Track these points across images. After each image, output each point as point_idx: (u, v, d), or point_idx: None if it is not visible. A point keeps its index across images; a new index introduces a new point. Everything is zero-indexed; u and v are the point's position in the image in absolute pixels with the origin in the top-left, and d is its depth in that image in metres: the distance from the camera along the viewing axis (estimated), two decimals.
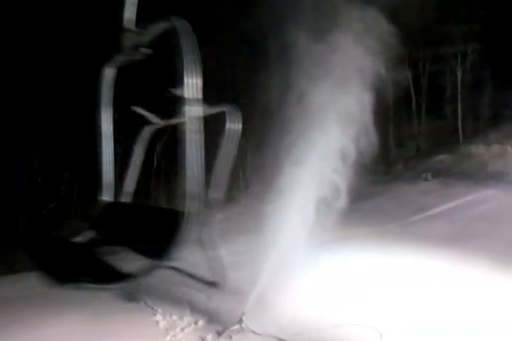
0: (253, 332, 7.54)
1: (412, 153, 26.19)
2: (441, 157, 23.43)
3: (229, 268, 10.67)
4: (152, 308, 8.67)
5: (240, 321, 7.69)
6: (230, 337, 7.39)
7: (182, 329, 7.69)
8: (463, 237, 12.45)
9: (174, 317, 8.19)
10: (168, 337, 7.42)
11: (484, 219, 14.09)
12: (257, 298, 8.18)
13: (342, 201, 9.94)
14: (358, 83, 9.67)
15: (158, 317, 8.20)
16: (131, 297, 9.43)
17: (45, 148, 17.52)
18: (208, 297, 9.32)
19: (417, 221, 14.94)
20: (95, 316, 8.31)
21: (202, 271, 8.36)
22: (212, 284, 7.86)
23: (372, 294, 8.82)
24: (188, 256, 7.93)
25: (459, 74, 25.70)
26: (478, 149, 23.66)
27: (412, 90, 25.80)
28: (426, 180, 20.30)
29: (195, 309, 8.59)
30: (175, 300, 9.06)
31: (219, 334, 7.50)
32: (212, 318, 8.15)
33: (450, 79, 26.02)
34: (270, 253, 8.75)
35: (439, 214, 15.42)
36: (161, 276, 10.84)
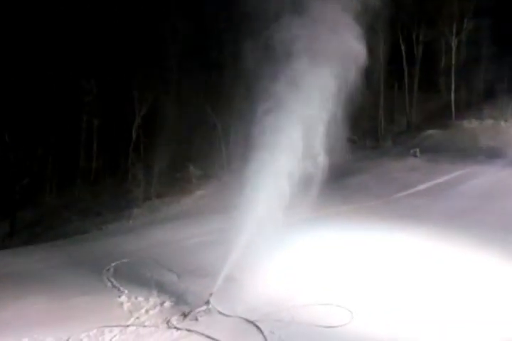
0: (220, 313, 7.50)
1: (402, 128, 26.09)
2: (431, 132, 23.35)
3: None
4: (118, 289, 8.59)
5: (207, 302, 7.64)
6: (196, 319, 7.33)
7: (147, 311, 7.62)
8: (445, 215, 12.47)
9: (140, 298, 8.12)
10: (132, 320, 7.35)
11: (470, 196, 14.14)
12: (227, 279, 8.13)
13: (322, 178, 9.92)
14: (343, 55, 9.50)
15: (123, 298, 8.13)
16: (98, 278, 9.40)
17: (17, 123, 17.20)
18: (178, 277, 9.33)
19: (400, 198, 14.96)
20: (59, 298, 8.24)
21: None
22: None
23: (346, 273, 8.82)
24: None
25: (454, 45, 25.34)
26: (470, 124, 23.59)
27: (404, 62, 25.51)
28: (414, 155, 20.28)
29: (163, 289, 8.53)
30: (143, 281, 9.01)
31: (185, 315, 7.43)
32: (180, 299, 8.09)
33: (444, 51, 25.71)
34: (244, 232, 8.65)
35: (423, 191, 15.45)
36: (133, 256, 10.93)
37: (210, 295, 7.73)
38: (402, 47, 25.15)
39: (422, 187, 15.93)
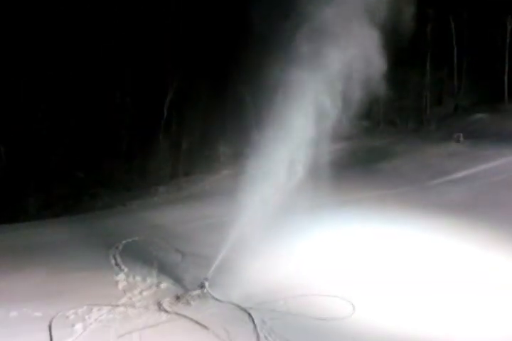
0: (214, 298, 7.30)
1: (449, 111, 24.81)
2: (480, 115, 22.09)
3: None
4: (119, 267, 8.51)
5: (202, 286, 7.46)
6: (188, 303, 7.17)
7: (141, 292, 7.51)
8: (479, 207, 11.70)
9: (138, 278, 8.03)
10: (124, 300, 7.25)
11: (509, 186, 13.23)
12: (227, 263, 7.91)
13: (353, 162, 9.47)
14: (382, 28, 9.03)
15: (120, 277, 8.05)
16: (106, 254, 9.37)
17: (50, 97, 17.38)
18: (183, 257, 9.16)
19: (435, 185, 14.15)
20: (58, 272, 8.26)
21: None
22: None
23: (354, 265, 8.38)
24: None
25: (509, 25, 23.74)
26: None
27: (454, 42, 24.06)
28: (457, 141, 19.21)
29: (163, 270, 8.40)
30: (147, 260, 8.90)
31: (178, 298, 7.28)
32: (178, 281, 7.95)
33: (498, 31, 24.05)
34: (252, 215, 8.37)
35: (460, 178, 14.55)
36: (147, 234, 10.86)
37: (206, 279, 7.54)
38: (452, 26, 23.72)
39: (459, 174, 15.02)
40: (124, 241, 10.26)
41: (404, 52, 16.90)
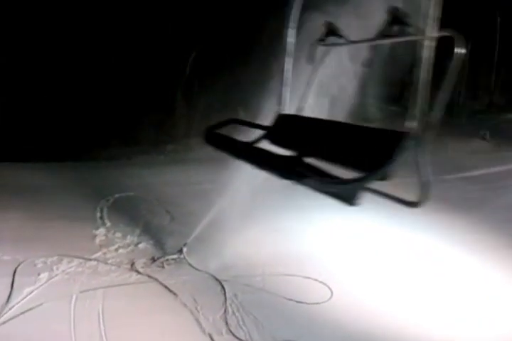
0: (189, 265, 7.05)
1: (482, 107, 23.87)
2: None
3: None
4: (103, 221, 8.28)
5: (180, 252, 7.20)
6: (163, 266, 6.92)
7: (117, 249, 7.27)
8: (484, 206, 11.12)
9: (118, 234, 7.78)
10: (97, 254, 7.03)
11: None
12: (211, 232, 7.62)
13: None
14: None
15: (100, 231, 7.83)
16: (94, 206, 9.16)
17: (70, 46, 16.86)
18: (171, 220, 8.91)
19: (446, 180, 13.48)
20: (39, 218, 8.11)
21: None
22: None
23: (341, 251, 8.01)
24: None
25: None
26: None
27: (497, 35, 22.83)
28: (483, 138, 18.48)
29: (147, 230, 8.17)
30: (134, 217, 8.67)
31: (153, 260, 7.04)
32: (158, 243, 7.70)
33: None
34: (248, 184, 7.98)
35: (477, 177, 13.87)
36: (142, 191, 10.60)
37: (184, 245, 7.28)
38: (498, 22, 22.47)
39: (476, 172, 14.35)
40: (116, 195, 10.04)
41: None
